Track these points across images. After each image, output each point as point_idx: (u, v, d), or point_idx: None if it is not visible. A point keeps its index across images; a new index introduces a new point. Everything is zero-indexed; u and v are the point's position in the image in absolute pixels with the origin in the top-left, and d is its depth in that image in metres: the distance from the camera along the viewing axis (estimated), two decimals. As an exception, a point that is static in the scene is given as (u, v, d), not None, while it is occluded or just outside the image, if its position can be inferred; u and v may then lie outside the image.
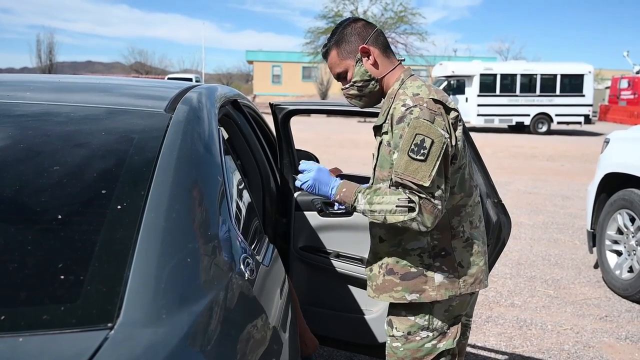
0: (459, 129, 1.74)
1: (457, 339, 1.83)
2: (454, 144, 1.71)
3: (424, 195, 1.63)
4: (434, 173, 1.63)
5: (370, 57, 1.82)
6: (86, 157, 1.38)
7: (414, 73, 1.87)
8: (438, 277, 1.77)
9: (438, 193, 1.65)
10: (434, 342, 1.81)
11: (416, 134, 1.65)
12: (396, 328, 1.85)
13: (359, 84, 1.85)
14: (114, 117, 1.58)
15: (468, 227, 1.82)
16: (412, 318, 1.81)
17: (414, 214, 1.64)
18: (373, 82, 1.84)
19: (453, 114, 1.72)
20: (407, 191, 1.65)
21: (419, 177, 1.63)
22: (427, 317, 1.80)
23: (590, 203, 4.97)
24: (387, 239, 1.81)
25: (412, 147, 1.64)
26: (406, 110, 1.68)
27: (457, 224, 1.79)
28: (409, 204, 1.64)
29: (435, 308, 1.80)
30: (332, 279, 2.68)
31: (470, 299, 1.88)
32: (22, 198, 1.26)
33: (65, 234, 1.16)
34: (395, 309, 1.86)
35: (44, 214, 1.21)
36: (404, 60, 1.90)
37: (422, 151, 1.63)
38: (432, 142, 1.63)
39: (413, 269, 1.78)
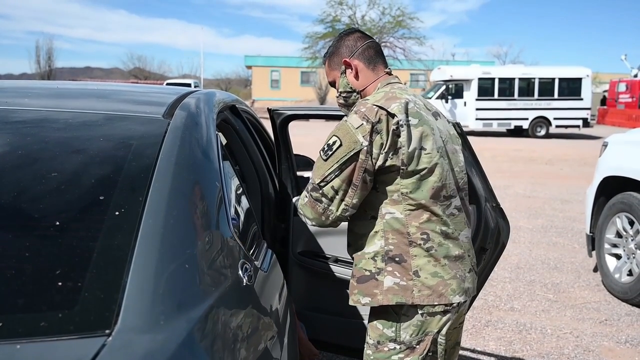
0: (404, 134, 1.71)
1: (423, 355, 1.78)
2: (385, 150, 1.70)
3: (309, 191, 1.78)
4: (327, 173, 1.73)
5: (353, 70, 1.90)
6: (84, 163, 1.38)
7: (394, 81, 1.90)
8: (387, 282, 1.75)
9: (330, 194, 1.74)
10: (400, 355, 1.78)
11: (333, 135, 1.75)
12: (369, 335, 1.85)
13: (344, 95, 1.95)
14: (112, 123, 1.58)
15: (437, 236, 1.76)
16: (381, 328, 1.80)
17: (299, 208, 1.82)
18: (355, 93, 1.92)
19: (394, 120, 1.71)
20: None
21: (315, 175, 1.77)
22: (393, 328, 1.78)
23: (589, 206, 4.97)
24: (351, 243, 1.87)
25: (325, 146, 1.76)
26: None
27: (415, 230, 1.74)
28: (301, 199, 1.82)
29: (402, 320, 1.77)
30: (331, 283, 2.68)
31: (442, 318, 1.78)
32: (20, 204, 1.26)
33: (63, 240, 1.16)
34: (371, 317, 1.86)
35: (42, 220, 1.21)
36: (390, 70, 1.94)
37: (328, 152, 1.74)
38: (340, 145, 1.72)
39: (367, 273, 1.79)
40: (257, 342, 1.29)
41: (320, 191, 1.75)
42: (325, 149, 1.74)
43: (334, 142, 1.73)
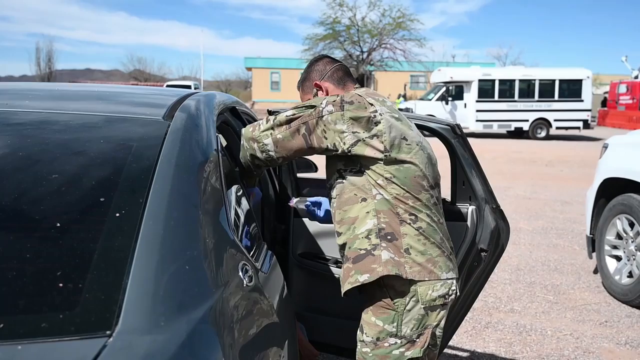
0: (384, 122, 1.83)
1: (424, 348, 1.85)
2: (364, 137, 1.81)
3: (266, 118, 1.98)
4: (283, 111, 1.95)
5: (324, 91, 2.06)
6: (85, 165, 1.38)
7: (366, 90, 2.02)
8: (385, 255, 1.81)
9: (270, 119, 1.94)
10: (402, 349, 1.83)
11: (313, 100, 1.96)
12: (366, 333, 1.89)
13: None
14: (113, 124, 1.58)
15: (425, 217, 1.87)
16: (381, 324, 1.85)
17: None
18: None
19: (372, 108, 1.84)
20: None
21: (277, 114, 1.98)
22: (395, 324, 1.83)
23: (589, 208, 4.97)
24: (343, 231, 1.91)
25: (300, 104, 1.94)
26: None
27: (403, 212, 1.84)
28: None
29: (404, 315, 1.83)
30: (331, 285, 2.68)
31: (441, 312, 1.88)
32: (21, 206, 1.26)
33: (64, 241, 1.17)
34: (366, 315, 1.90)
35: (43, 221, 1.21)
36: (359, 87, 2.07)
37: (299, 106, 1.92)
38: (308, 101, 1.92)
39: (362, 251, 1.84)
40: (257, 343, 1.30)
41: (270, 128, 1.93)
42: (299, 105, 1.93)
43: (309, 103, 1.92)
